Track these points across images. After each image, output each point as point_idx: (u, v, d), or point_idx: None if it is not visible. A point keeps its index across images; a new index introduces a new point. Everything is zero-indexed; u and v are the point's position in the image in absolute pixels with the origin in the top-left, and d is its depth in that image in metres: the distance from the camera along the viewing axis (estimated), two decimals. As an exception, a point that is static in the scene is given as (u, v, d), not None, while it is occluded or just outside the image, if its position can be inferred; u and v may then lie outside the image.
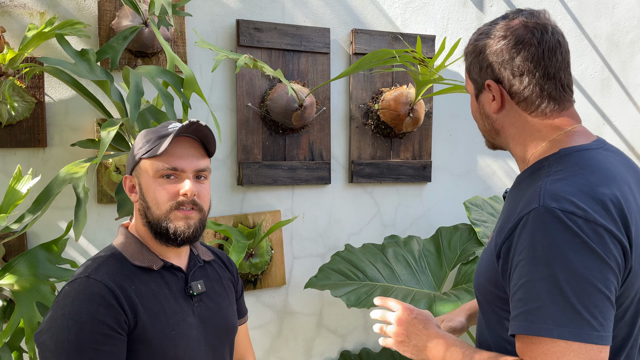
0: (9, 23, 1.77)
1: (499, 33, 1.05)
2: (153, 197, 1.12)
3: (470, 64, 1.11)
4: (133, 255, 1.13)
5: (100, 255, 1.14)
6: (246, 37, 2.05)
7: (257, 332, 2.20)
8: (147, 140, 1.13)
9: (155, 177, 1.11)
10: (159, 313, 1.09)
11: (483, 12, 2.48)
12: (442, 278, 2.16)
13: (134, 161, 1.15)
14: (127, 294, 1.07)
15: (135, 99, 1.48)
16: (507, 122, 1.08)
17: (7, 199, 1.49)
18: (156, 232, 1.12)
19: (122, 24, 1.82)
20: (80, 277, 1.07)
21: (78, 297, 1.03)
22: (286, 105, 2.03)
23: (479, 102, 1.12)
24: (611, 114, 2.78)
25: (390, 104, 2.21)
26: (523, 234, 0.93)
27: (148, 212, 1.13)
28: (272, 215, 2.16)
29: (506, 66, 1.04)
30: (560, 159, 1.01)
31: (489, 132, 1.14)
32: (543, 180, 0.97)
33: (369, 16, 2.28)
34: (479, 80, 1.09)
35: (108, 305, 1.03)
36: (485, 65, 1.06)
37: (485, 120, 1.12)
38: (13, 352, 1.59)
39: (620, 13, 2.76)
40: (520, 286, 0.92)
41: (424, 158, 2.40)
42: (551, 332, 0.88)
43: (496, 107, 1.08)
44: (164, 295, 1.12)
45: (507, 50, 1.03)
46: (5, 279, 1.50)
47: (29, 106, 1.77)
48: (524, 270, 0.92)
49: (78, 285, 1.06)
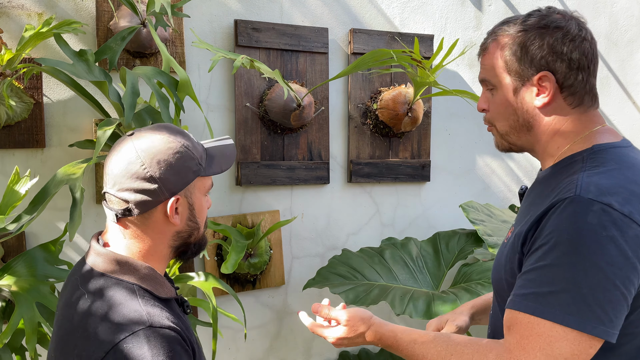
0: (6, 24, 1.77)
1: (553, 24, 1.02)
2: (203, 216, 1.06)
3: (511, 55, 1.04)
4: (157, 288, 1.00)
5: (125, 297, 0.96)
6: (244, 37, 2.05)
7: (256, 332, 2.20)
8: (200, 156, 1.03)
9: (203, 194, 1.06)
10: (194, 341, 1.02)
11: (482, 11, 2.48)
12: (440, 277, 2.16)
13: (186, 180, 1.00)
14: (184, 332, 0.96)
15: (130, 99, 1.48)
16: (549, 117, 1.05)
17: (6, 200, 1.49)
18: (197, 251, 1.07)
19: (120, 25, 1.82)
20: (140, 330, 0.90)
21: (157, 351, 0.89)
22: (284, 105, 2.03)
23: (518, 96, 1.06)
24: (610, 112, 2.78)
25: (389, 103, 2.21)
26: (552, 219, 0.93)
27: (196, 233, 1.05)
28: (271, 215, 2.17)
29: (563, 57, 1.02)
30: (595, 154, 1.01)
31: (517, 129, 1.08)
32: (579, 173, 0.97)
33: (367, 16, 2.29)
34: (526, 73, 1.04)
35: (184, 350, 0.93)
36: (538, 57, 1.02)
37: (519, 115, 1.07)
38: (16, 356, 1.59)
39: (619, 12, 2.75)
40: (537, 268, 0.93)
41: (423, 157, 2.40)
42: (556, 317, 0.89)
43: (545, 101, 1.04)
44: (184, 321, 1.04)
45: (561, 42, 1.01)
46: (4, 280, 1.50)
47: (27, 107, 1.77)
48: (545, 254, 0.92)
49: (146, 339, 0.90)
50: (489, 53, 1.09)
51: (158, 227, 1.01)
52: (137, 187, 0.97)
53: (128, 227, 1.01)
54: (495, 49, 1.07)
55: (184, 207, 1.02)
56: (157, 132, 1.01)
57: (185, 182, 1.00)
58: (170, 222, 1.01)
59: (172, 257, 1.07)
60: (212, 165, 1.05)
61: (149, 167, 0.97)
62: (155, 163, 0.97)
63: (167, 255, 1.05)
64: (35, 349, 1.50)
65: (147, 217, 1.00)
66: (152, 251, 1.02)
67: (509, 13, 2.53)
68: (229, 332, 2.15)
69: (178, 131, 1.03)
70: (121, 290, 0.97)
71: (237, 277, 2.12)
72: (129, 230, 1.01)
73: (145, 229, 1.01)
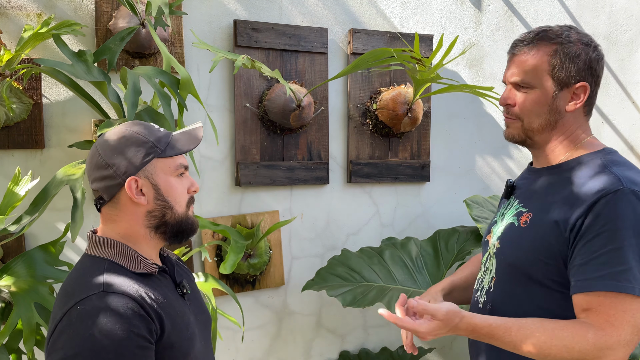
0: (5, 24, 1.77)
1: (592, 44, 1.22)
2: (176, 195, 1.12)
3: (558, 62, 1.20)
4: (130, 264, 1.08)
5: (90, 269, 1.06)
6: (244, 38, 2.05)
7: (256, 332, 2.20)
8: (156, 140, 1.11)
9: (173, 175, 1.12)
10: (175, 316, 1.08)
11: (481, 11, 2.48)
12: (439, 277, 2.16)
13: (142, 161, 1.09)
14: (148, 302, 1.03)
15: (132, 98, 1.48)
16: (571, 120, 1.24)
17: (6, 200, 1.49)
18: (178, 231, 1.13)
19: (119, 25, 1.82)
20: (93, 294, 0.99)
21: (104, 314, 0.96)
22: (284, 105, 2.02)
23: (557, 98, 1.21)
24: (610, 112, 2.78)
25: (388, 103, 2.21)
26: (607, 209, 1.09)
27: (169, 212, 1.11)
28: (271, 215, 2.16)
29: (594, 74, 1.22)
30: (610, 155, 1.21)
31: (544, 127, 1.24)
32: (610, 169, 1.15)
33: (367, 16, 2.28)
34: (567, 80, 1.20)
35: (139, 317, 0.99)
36: (583, 67, 1.20)
37: (551, 115, 1.23)
38: (12, 355, 1.59)
39: (618, 11, 2.75)
40: (607, 252, 1.07)
41: (423, 158, 2.40)
42: (635, 290, 1.05)
43: (574, 107, 1.22)
44: (168, 297, 1.10)
45: (596, 61, 1.22)
46: (3, 281, 1.50)
47: (27, 107, 1.77)
48: (610, 239, 1.08)
49: (96, 303, 0.98)
50: (531, 55, 1.22)
51: (128, 209, 1.10)
52: (99, 175, 1.10)
53: (107, 214, 1.12)
54: (539, 53, 1.21)
55: (148, 188, 1.10)
56: (119, 126, 1.14)
57: (138, 165, 1.09)
58: (136, 202, 1.09)
59: (158, 237, 1.13)
60: (174, 147, 1.13)
61: (102, 155, 1.09)
62: (107, 151, 1.09)
63: (147, 236, 1.12)
64: (32, 351, 1.50)
65: (117, 202, 1.10)
66: (129, 232, 1.11)
67: (509, 13, 2.53)
68: (228, 332, 2.15)
69: (135, 123, 1.14)
70: (90, 264, 1.07)
71: (236, 278, 2.12)
72: (108, 216, 1.12)
73: (118, 212, 1.11)
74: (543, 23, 2.59)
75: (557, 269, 1.16)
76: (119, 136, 1.11)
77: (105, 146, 1.10)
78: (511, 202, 1.34)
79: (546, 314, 1.18)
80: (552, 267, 1.16)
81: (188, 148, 1.14)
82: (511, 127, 1.28)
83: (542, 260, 1.17)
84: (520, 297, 1.22)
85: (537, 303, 1.20)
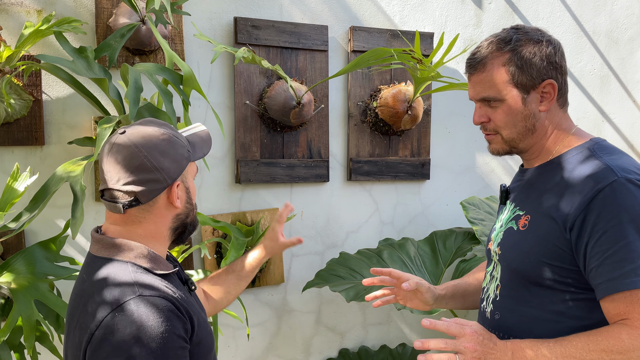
0: (6, 21, 1.77)
1: (544, 39, 1.19)
2: (195, 198, 1.17)
3: (516, 69, 1.18)
4: (152, 265, 1.07)
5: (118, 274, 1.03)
6: (244, 35, 2.05)
7: (256, 329, 2.20)
8: (184, 143, 1.12)
9: (193, 178, 1.17)
10: (197, 313, 1.09)
11: (482, 9, 2.48)
12: (438, 275, 2.16)
13: (182, 166, 1.09)
14: (179, 301, 1.03)
15: (134, 95, 1.48)
16: (548, 118, 1.22)
17: (5, 197, 1.49)
18: (192, 231, 1.17)
19: (120, 22, 1.81)
20: (130, 299, 0.98)
21: (146, 318, 0.96)
22: (284, 102, 2.02)
23: (527, 103, 1.20)
24: (610, 111, 2.78)
25: (389, 101, 2.21)
26: (608, 203, 1.07)
27: (191, 214, 1.15)
28: (271, 213, 2.16)
29: (557, 67, 1.19)
30: (599, 144, 1.19)
31: (524, 133, 1.22)
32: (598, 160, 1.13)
33: (367, 13, 2.28)
34: (531, 82, 1.18)
35: (177, 317, 1.00)
36: (541, 67, 1.18)
37: (527, 120, 1.21)
38: (14, 352, 1.59)
39: (619, 10, 2.75)
40: (619, 249, 1.05)
41: (423, 156, 2.39)
42: None
43: (548, 105, 1.20)
44: (186, 295, 1.11)
45: (554, 54, 1.19)
46: (3, 277, 1.50)
47: (27, 104, 1.77)
48: (620, 234, 1.05)
49: (134, 308, 0.97)
50: (487, 71, 1.20)
51: (161, 212, 1.09)
52: (142, 178, 1.05)
53: (133, 215, 1.08)
54: (495, 66, 1.19)
55: (182, 192, 1.11)
56: (148, 126, 1.09)
57: (182, 168, 1.09)
58: (173, 206, 1.10)
59: (172, 238, 1.14)
60: (196, 151, 1.14)
61: (150, 158, 1.05)
62: (155, 154, 1.05)
63: (167, 237, 1.13)
64: (34, 347, 1.50)
65: (152, 204, 1.08)
66: (152, 234, 1.10)
67: (509, 11, 2.52)
68: (228, 330, 2.15)
69: (163, 123, 1.12)
70: (114, 268, 1.04)
71: (236, 275, 2.12)
72: (133, 217, 1.08)
73: (147, 215, 1.08)
74: (544, 21, 2.59)
75: (561, 270, 1.14)
76: (163, 138, 1.07)
77: (151, 148, 1.05)
78: (508, 206, 1.32)
79: (554, 315, 1.16)
80: (556, 268, 1.14)
81: (207, 151, 1.19)
82: (493, 143, 1.27)
83: (546, 263, 1.15)
84: (526, 301, 1.20)
85: (544, 306, 1.17)
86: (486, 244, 1.40)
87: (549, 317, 1.16)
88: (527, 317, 1.19)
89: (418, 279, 1.39)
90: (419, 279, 1.39)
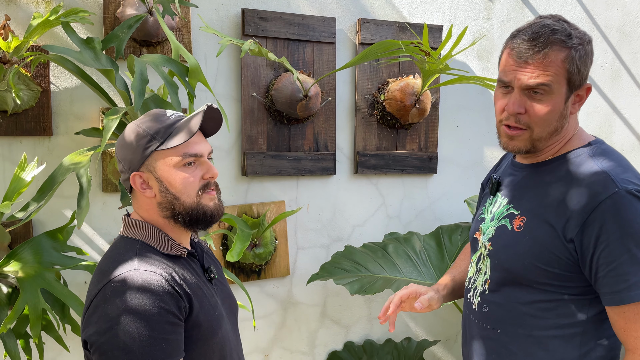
0: (14, 11, 1.77)
1: (590, 42, 1.16)
2: (181, 186, 1.12)
3: (574, 67, 1.12)
4: (161, 245, 1.13)
5: (124, 249, 1.11)
6: (251, 27, 2.04)
7: (261, 322, 2.21)
8: (155, 133, 1.11)
9: (177, 166, 1.12)
10: (202, 296, 1.12)
11: (492, 1, 2.45)
12: (444, 270, 2.15)
13: (142, 156, 1.12)
14: (177, 281, 1.08)
15: (139, 86, 1.48)
16: (571, 121, 1.19)
17: (13, 186, 1.50)
18: (191, 220, 1.14)
19: (127, 13, 1.81)
20: (126, 272, 1.05)
21: (137, 291, 1.02)
22: (291, 95, 2.02)
23: (568, 103, 1.15)
24: (621, 106, 2.75)
25: (396, 94, 2.19)
26: (610, 215, 1.06)
27: (177, 203, 1.13)
28: (277, 205, 2.16)
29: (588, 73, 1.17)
30: (599, 147, 1.17)
31: (551, 133, 1.17)
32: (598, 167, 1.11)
33: (376, 6, 2.26)
34: (579, 83, 1.14)
35: (169, 294, 1.04)
36: (588, 70, 1.15)
37: (560, 120, 1.16)
38: (20, 340, 1.61)
39: (632, 3, 2.71)
40: (626, 260, 1.06)
41: (430, 149, 2.38)
42: None
43: (578, 108, 1.18)
44: (197, 279, 1.15)
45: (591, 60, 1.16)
46: (10, 266, 1.51)
47: (35, 95, 1.78)
48: (625, 246, 1.06)
49: (129, 280, 1.03)
50: (552, 61, 1.11)
51: (143, 200, 1.15)
52: (119, 169, 1.18)
53: (137, 201, 1.18)
54: (558, 58, 1.12)
55: (152, 181, 1.13)
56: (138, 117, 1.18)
57: (142, 158, 1.12)
58: (146, 195, 1.14)
59: (178, 226, 1.15)
60: (174, 138, 1.11)
61: (117, 149, 1.16)
62: (119, 146, 1.16)
63: (167, 224, 1.15)
64: (40, 335, 1.51)
65: (136, 193, 1.16)
66: (152, 220, 1.16)
67: (520, 4, 2.49)
68: (233, 321, 2.16)
69: (146, 114, 1.16)
70: (123, 244, 1.13)
71: (242, 267, 2.12)
72: (137, 203, 1.18)
73: (139, 202, 1.17)
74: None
75: (555, 275, 1.14)
76: (127, 131, 1.15)
77: (118, 142, 1.16)
78: (498, 198, 1.29)
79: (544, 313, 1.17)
80: (550, 272, 1.14)
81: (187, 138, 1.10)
82: (517, 139, 1.17)
83: (540, 267, 1.15)
84: (517, 298, 1.20)
85: (534, 304, 1.18)
86: (472, 232, 1.37)
87: (538, 314, 1.17)
88: (516, 313, 1.20)
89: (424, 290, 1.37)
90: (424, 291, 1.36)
